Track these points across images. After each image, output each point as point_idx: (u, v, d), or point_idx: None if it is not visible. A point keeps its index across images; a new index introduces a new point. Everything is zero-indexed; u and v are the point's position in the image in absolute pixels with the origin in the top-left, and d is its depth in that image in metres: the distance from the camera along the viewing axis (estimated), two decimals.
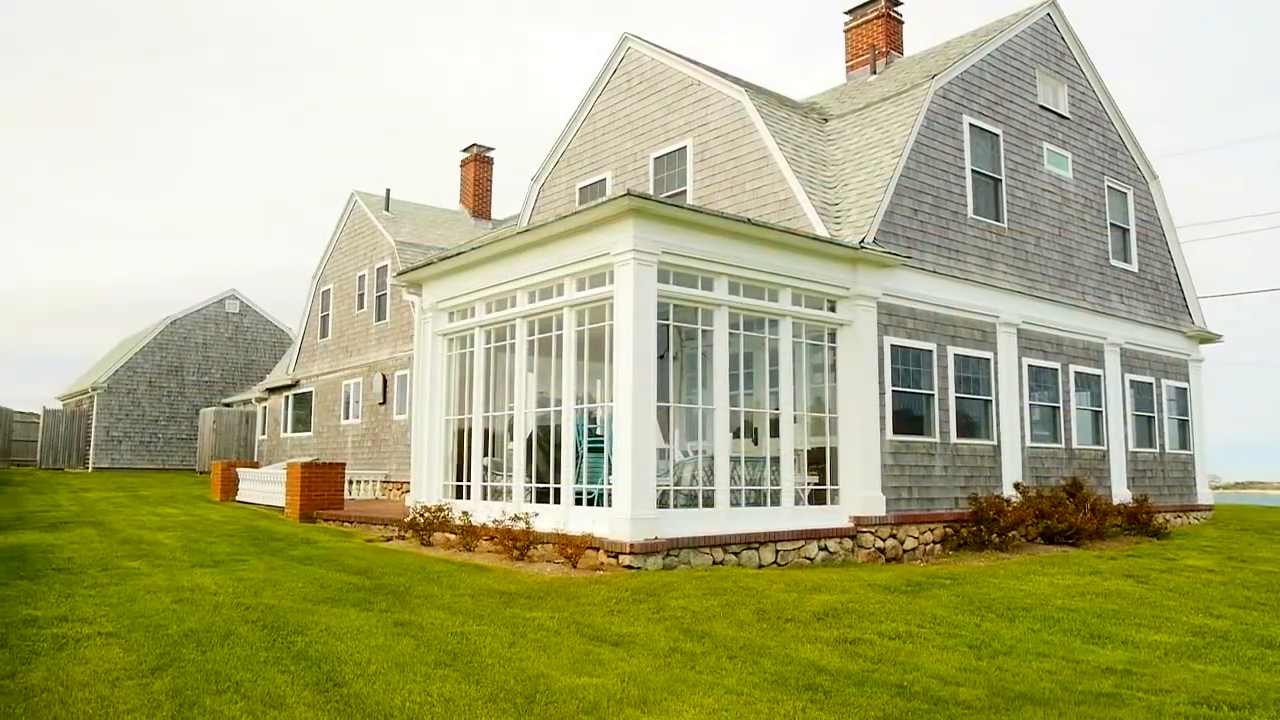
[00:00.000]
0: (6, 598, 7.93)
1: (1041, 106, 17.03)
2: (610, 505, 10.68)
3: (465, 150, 31.00)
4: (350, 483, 23.33)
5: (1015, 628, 7.87)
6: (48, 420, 36.03)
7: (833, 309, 12.92)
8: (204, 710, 4.95)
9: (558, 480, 11.58)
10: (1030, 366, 15.83)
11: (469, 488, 13.24)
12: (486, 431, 13.18)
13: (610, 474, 10.83)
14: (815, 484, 12.66)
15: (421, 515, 13.12)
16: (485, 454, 13.13)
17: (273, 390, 32.30)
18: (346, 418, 27.13)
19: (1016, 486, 14.75)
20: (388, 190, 28.05)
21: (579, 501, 11.33)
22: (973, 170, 15.22)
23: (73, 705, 5.00)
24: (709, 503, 11.26)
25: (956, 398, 14.33)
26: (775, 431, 12.30)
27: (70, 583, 8.78)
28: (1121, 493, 17.26)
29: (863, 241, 12.74)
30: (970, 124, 15.28)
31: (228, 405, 37.35)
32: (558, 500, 11.51)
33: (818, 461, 12.77)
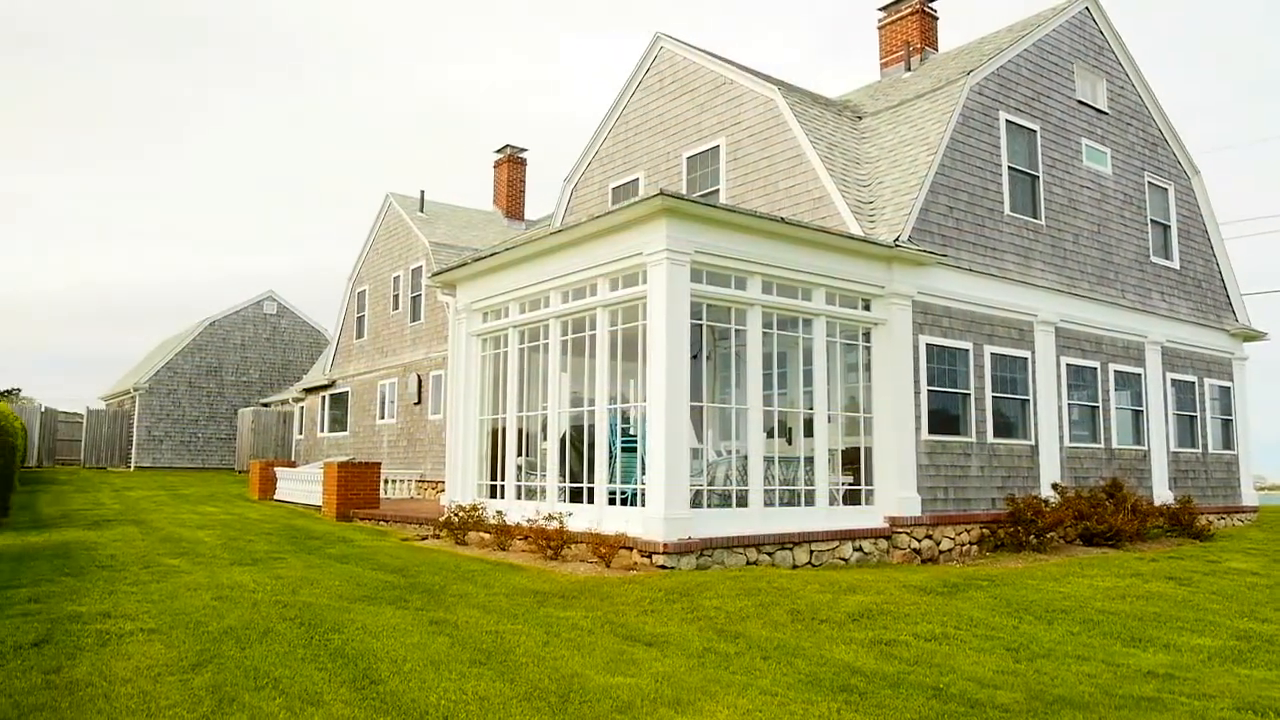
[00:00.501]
0: (52, 594, 8.09)
1: (1080, 102, 16.79)
2: (644, 505, 10.68)
3: (498, 151, 31.15)
4: (386, 482, 23.52)
5: (1054, 630, 7.77)
6: (91, 420, 36.71)
7: (867, 308, 12.83)
8: (243, 706, 5.01)
9: (591, 480, 11.60)
10: (1069, 365, 15.62)
11: (503, 487, 13.30)
12: (520, 431, 13.24)
13: (644, 474, 10.83)
14: (850, 484, 12.58)
15: (456, 514, 13.21)
16: (519, 454, 13.19)
17: (309, 390, 32.67)
18: (382, 417, 27.38)
19: (1055, 487, 14.56)
20: (422, 192, 28.28)
21: (612, 501, 11.35)
22: (1009, 167, 15.05)
23: (116, 700, 5.09)
24: (743, 503, 11.23)
25: (993, 397, 14.17)
26: (809, 431, 12.24)
27: (113, 580, 8.93)
28: (1163, 494, 16.98)
29: (898, 240, 12.64)
30: (1007, 120, 15.11)
31: (265, 405, 37.82)
32: (591, 500, 11.53)
33: (852, 461, 12.68)
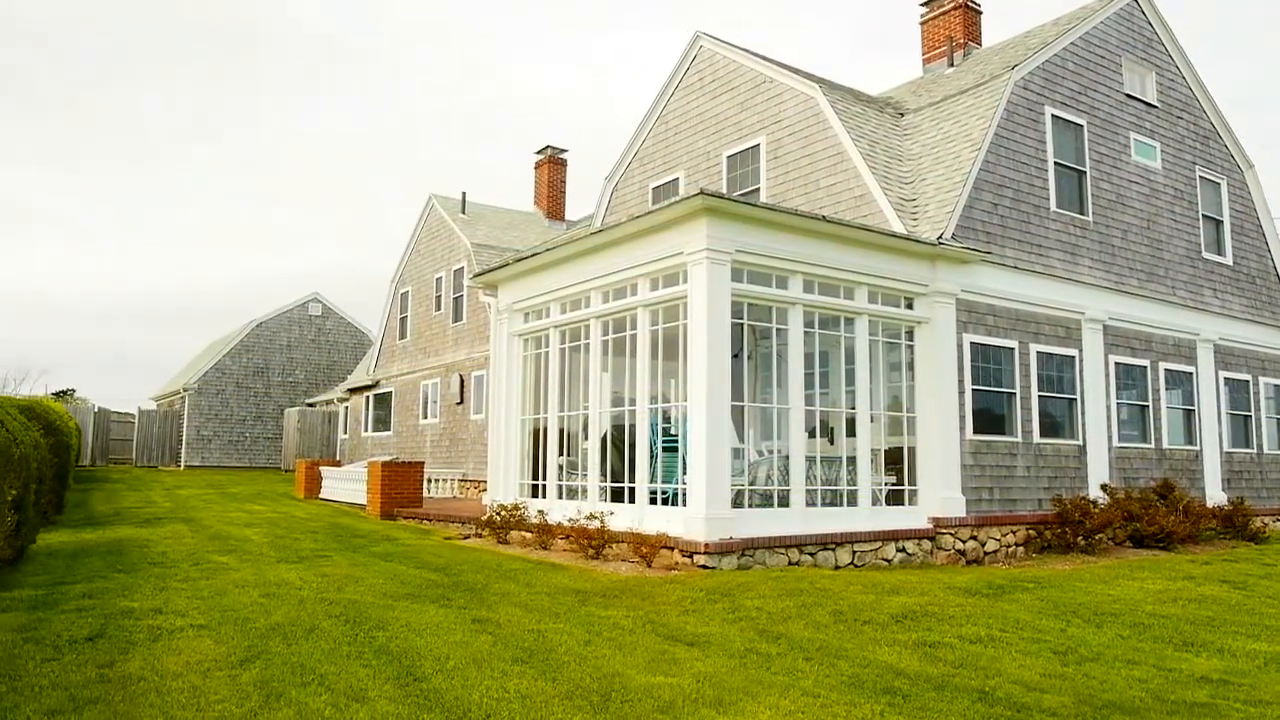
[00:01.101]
0: (106, 590, 8.27)
1: (1128, 95, 16.48)
2: (685, 505, 10.67)
3: (539, 152, 31.30)
4: (429, 481, 23.77)
5: (1102, 634, 7.63)
6: (142, 420, 37.52)
7: (910, 306, 12.71)
8: (290, 701, 5.08)
9: (632, 480, 11.62)
10: (1117, 364, 15.34)
11: (544, 487, 13.36)
12: (562, 431, 13.29)
13: (685, 473, 10.82)
14: (893, 484, 12.47)
15: (498, 514, 13.29)
16: (560, 453, 13.24)
17: (354, 390, 33.07)
18: (425, 417, 27.64)
19: (1103, 488, 14.31)
20: (463, 193, 28.47)
21: (653, 501, 11.35)
22: (1055, 162, 14.81)
23: (167, 694, 5.19)
24: (784, 503, 11.17)
25: (1039, 396, 13.96)
26: (852, 431, 12.15)
27: (164, 576, 9.11)
28: (1216, 495, 16.61)
29: (941, 237, 12.50)
30: (1052, 115, 14.87)
31: (311, 405, 38.37)
32: (632, 499, 11.55)
33: (895, 461, 12.57)
